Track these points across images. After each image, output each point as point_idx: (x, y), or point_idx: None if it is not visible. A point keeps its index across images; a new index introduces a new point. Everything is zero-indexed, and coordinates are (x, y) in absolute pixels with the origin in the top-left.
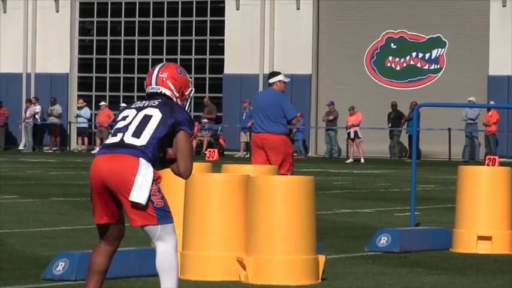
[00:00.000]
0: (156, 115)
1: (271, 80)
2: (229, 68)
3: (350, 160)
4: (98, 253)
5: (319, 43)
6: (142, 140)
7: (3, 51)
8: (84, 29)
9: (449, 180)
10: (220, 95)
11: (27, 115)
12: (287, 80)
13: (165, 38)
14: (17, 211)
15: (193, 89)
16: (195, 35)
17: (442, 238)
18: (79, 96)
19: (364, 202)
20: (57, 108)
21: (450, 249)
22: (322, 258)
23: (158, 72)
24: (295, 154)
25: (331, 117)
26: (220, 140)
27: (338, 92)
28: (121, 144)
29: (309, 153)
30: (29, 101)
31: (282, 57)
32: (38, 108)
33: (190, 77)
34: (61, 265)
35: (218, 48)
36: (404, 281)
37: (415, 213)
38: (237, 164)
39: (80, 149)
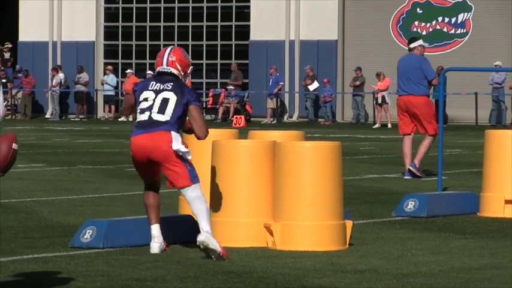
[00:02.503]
0: (172, 98)
1: (412, 45)
2: (255, 35)
3: (377, 125)
4: (148, 196)
5: (345, 8)
6: (167, 116)
7: (30, 20)
8: None
9: (476, 144)
10: (247, 61)
11: (53, 83)
12: (426, 44)
13: (190, 5)
14: (45, 179)
15: (192, 67)
16: (221, 1)
17: (470, 202)
18: (105, 64)
19: (391, 167)
20: (84, 76)
21: (477, 213)
22: (349, 224)
23: (168, 55)
24: (322, 120)
25: (357, 83)
26: (247, 107)
27: (364, 58)
28: (151, 122)
29: (336, 119)
30: (54, 69)
31: (308, 23)
32: (61, 76)
33: (217, 44)
34: (88, 233)
35: (244, 14)
36: (431, 246)
37: (442, 177)
38: (263, 130)
39: (106, 116)
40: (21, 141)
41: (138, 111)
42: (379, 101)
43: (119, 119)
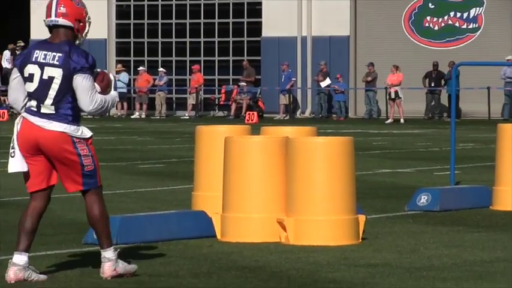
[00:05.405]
0: None
1: None
2: (267, 31)
3: (390, 120)
4: None
5: (356, 4)
6: None
7: (41, 18)
8: None
9: (488, 138)
10: (259, 58)
11: None
12: None
13: (202, 2)
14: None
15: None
16: None
17: (482, 196)
18: (117, 62)
19: (404, 162)
20: None
21: (490, 207)
22: (362, 218)
23: None
24: (334, 115)
25: (369, 78)
26: (260, 103)
27: (376, 53)
28: None
29: (349, 115)
30: None
31: (320, 19)
32: None
33: (229, 40)
34: None
35: (256, 11)
36: (444, 240)
37: (455, 172)
38: (276, 126)
39: (119, 114)
40: None
41: None
42: (392, 95)
43: (132, 116)
